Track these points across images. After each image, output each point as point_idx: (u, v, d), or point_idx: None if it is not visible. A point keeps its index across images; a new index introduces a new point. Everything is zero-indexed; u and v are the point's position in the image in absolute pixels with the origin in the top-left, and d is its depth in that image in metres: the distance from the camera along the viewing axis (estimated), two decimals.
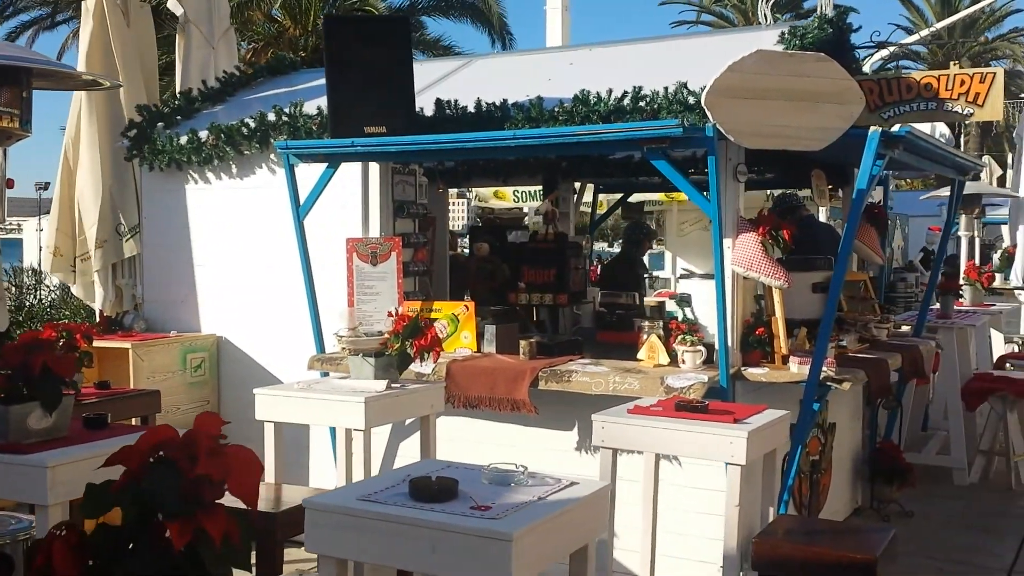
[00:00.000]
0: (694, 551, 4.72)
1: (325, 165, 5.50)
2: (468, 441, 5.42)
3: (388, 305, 5.30)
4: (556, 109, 5.18)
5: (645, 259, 8.91)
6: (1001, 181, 19.69)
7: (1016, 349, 9.63)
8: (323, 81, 5.55)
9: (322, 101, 5.66)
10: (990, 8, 30.51)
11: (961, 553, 5.69)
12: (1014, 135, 11.80)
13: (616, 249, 22.90)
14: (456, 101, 5.55)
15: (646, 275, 7.84)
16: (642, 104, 4.93)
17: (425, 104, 5.63)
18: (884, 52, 9.63)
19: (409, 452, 5.44)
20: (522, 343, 5.32)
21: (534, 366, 5.05)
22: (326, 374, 5.48)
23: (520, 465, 2.87)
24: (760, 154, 5.14)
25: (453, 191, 9.24)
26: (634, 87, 5.00)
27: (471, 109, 5.46)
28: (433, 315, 5.63)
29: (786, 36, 5.27)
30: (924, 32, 24.84)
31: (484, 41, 23.51)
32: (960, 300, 8.81)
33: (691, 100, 4.74)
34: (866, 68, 7.20)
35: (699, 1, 34.21)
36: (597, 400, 4.63)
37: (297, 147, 5.53)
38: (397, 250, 5.54)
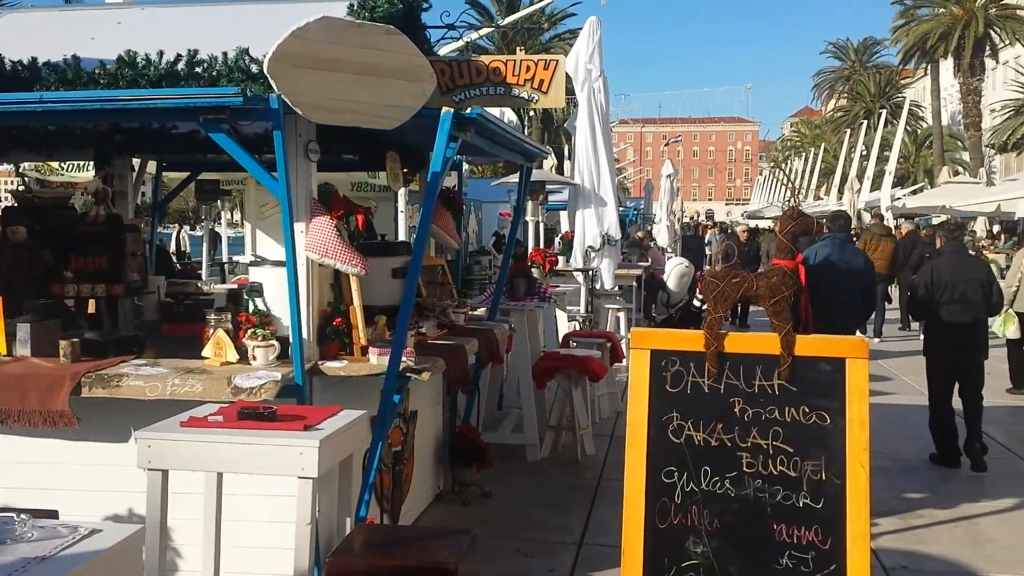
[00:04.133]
0: (266, 565, 4.30)
1: None
2: None
3: None
4: (97, 71, 4.48)
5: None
6: (559, 171, 21.51)
7: (578, 327, 10.29)
8: None
9: None
10: (549, 10, 33.23)
11: (537, 530, 5.84)
12: (567, 127, 12.76)
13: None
14: None
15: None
16: (199, 70, 4.41)
17: None
18: (456, 45, 9.81)
19: None
20: (63, 343, 4.59)
21: (76, 370, 4.35)
22: None
23: (21, 514, 2.22)
24: (336, 133, 4.82)
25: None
26: (189, 50, 4.45)
27: None
28: None
29: (355, 8, 4.98)
30: (487, 30, 26.35)
31: None
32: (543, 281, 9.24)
33: (254, 68, 4.31)
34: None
35: None
36: (157, 406, 4.05)
37: None
38: None
